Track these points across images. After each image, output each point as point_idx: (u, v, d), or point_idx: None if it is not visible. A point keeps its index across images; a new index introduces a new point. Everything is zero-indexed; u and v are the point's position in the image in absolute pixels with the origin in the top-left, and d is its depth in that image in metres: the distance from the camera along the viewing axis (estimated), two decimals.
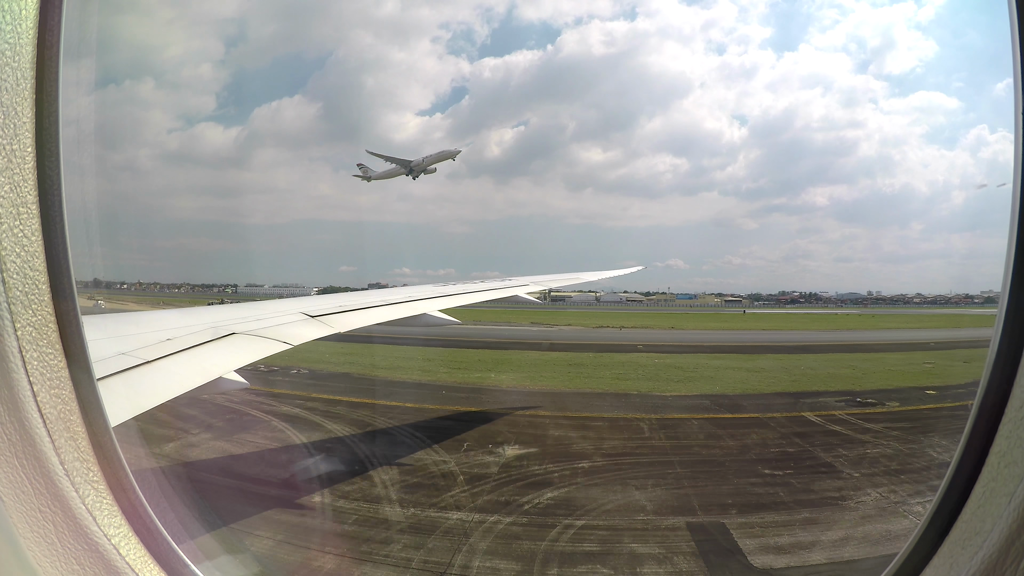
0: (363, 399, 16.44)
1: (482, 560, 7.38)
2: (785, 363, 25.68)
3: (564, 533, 8.09)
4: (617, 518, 8.64)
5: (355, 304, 9.74)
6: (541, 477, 10.23)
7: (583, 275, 18.02)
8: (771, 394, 18.52)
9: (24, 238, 1.37)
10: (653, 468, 10.85)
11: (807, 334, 43.19)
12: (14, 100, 1.33)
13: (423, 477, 10.21)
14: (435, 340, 34.54)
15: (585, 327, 51.29)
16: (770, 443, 12.87)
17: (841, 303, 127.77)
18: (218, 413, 13.77)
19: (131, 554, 1.50)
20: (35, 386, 1.38)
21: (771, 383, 20.50)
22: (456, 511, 8.84)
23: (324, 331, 8.09)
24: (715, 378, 21.43)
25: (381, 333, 16.50)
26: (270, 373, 20.38)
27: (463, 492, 9.56)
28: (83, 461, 1.48)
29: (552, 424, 14.01)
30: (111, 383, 4.54)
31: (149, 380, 4.93)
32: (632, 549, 7.74)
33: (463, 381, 20.15)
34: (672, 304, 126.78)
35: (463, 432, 13.03)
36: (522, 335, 41.90)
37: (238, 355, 6.29)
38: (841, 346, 32.61)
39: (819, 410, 15.86)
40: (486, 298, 12.90)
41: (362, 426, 13.54)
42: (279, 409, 14.67)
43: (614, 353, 29.22)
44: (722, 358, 27.24)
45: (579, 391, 18.71)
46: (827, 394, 18.17)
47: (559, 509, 8.92)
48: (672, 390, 19.02)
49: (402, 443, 12.11)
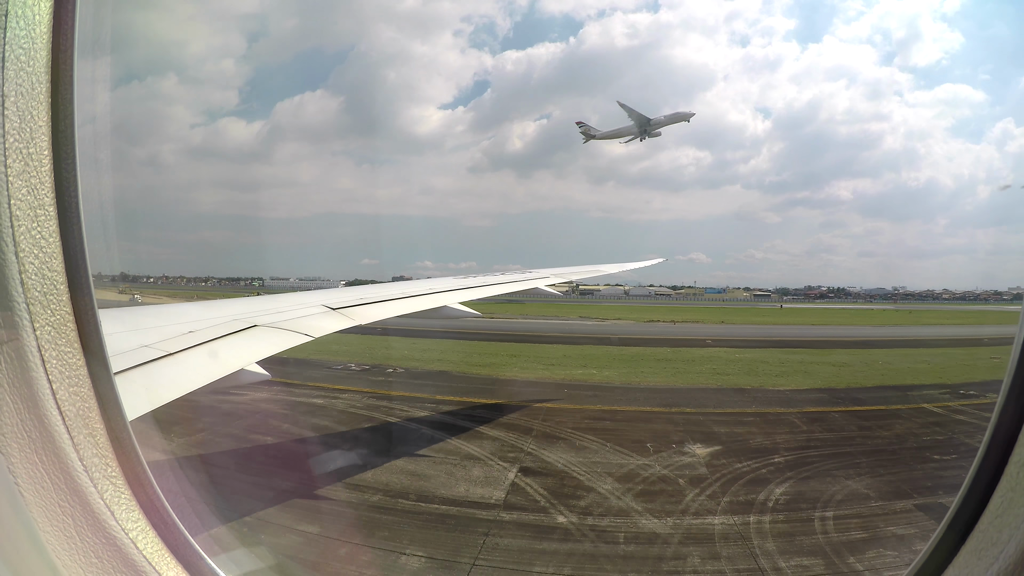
0: (495, 400, 17.06)
1: (785, 560, 7.74)
2: (858, 358, 26.82)
3: (826, 524, 8.75)
4: (855, 506, 9.40)
5: (375, 297, 9.83)
6: (753, 474, 10.87)
7: (603, 267, 18.17)
8: (874, 387, 19.52)
9: (42, 239, 1.40)
10: (841, 459, 11.64)
11: (856, 329, 44.65)
12: (30, 104, 1.36)
13: (645, 483, 10.69)
14: (498, 334, 35.06)
15: (636, 321, 52.21)
16: (918, 432, 13.76)
17: (870, 298, 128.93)
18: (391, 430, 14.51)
19: (148, 548, 1.53)
20: (54, 384, 1.41)
21: (864, 377, 21.54)
22: (709, 516, 9.26)
23: (346, 323, 8.17)
24: (808, 372, 22.44)
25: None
26: (371, 372, 21.09)
27: (696, 495, 9.99)
28: (101, 457, 1.51)
29: (709, 421, 14.74)
30: (133, 376, 4.58)
31: (171, 372, 5.00)
32: (892, 531, 8.58)
33: (573, 378, 20.73)
34: (701, 298, 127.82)
35: (640, 435, 13.58)
36: (581, 329, 42.47)
37: (260, 347, 6.38)
38: (898, 342, 34.02)
39: (932, 402, 16.79)
40: (507, 291, 13.03)
41: (525, 428, 14.20)
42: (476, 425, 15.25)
43: (689, 348, 30.16)
44: (796, 353, 28.28)
45: (692, 387, 19.45)
46: (926, 387, 19.17)
47: (800, 503, 9.53)
48: (779, 384, 19.91)
49: (577, 446, 12.89)
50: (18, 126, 1.32)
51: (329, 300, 8.91)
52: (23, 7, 1.30)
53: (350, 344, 27.37)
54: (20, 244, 1.34)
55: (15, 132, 1.32)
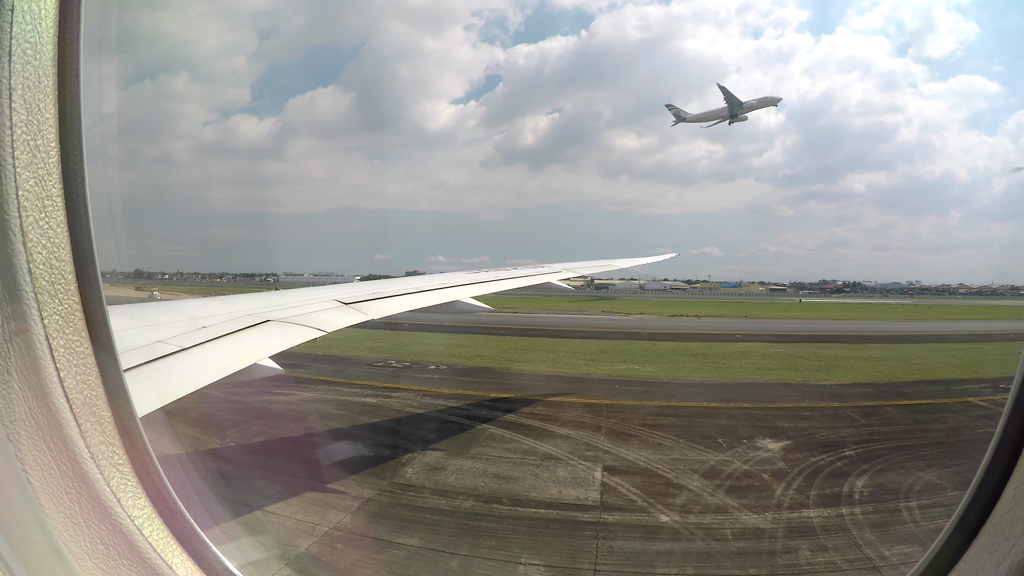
0: (552, 396, 17.56)
1: (887, 549, 8.14)
2: (891, 353, 27.44)
3: (914, 514, 9.26)
4: (935, 496, 9.89)
5: (387, 291, 9.82)
6: (830, 467, 11.38)
7: (615, 262, 18.25)
8: (916, 382, 20.09)
9: (50, 230, 1.42)
10: (908, 452, 12.17)
11: (879, 324, 45.35)
12: (37, 97, 1.37)
13: (731, 479, 11.07)
14: (526, 329, 35.65)
15: (659, 316, 52.84)
16: (971, 425, 14.36)
17: (886, 292, 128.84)
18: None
19: (154, 535, 1.56)
20: (61, 372, 1.43)
21: (903, 372, 22.15)
22: (803, 509, 9.66)
23: (358, 318, 8.20)
24: (847, 368, 23.06)
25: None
26: (413, 369, 21.53)
27: (784, 489, 10.40)
28: (108, 444, 1.53)
29: (769, 416, 15.29)
30: (147, 370, 4.59)
31: (184, 367, 5.01)
32: None
33: (618, 374, 21.28)
34: (717, 292, 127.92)
35: (707, 431, 14.11)
36: (608, 324, 43.04)
37: (272, 342, 6.41)
38: (925, 336, 34.76)
39: (976, 396, 17.44)
40: (519, 285, 12.99)
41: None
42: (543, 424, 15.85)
43: (721, 343, 30.81)
44: (828, 348, 28.97)
45: (739, 382, 20.06)
46: (965, 382, 19.74)
47: (883, 494, 10.02)
48: (823, 379, 20.49)
49: (651, 443, 13.52)
50: (25, 118, 1.35)
51: (341, 295, 8.95)
52: (29, 2, 1.33)
53: (381, 340, 27.97)
54: (28, 234, 1.36)
55: (22, 124, 1.34)
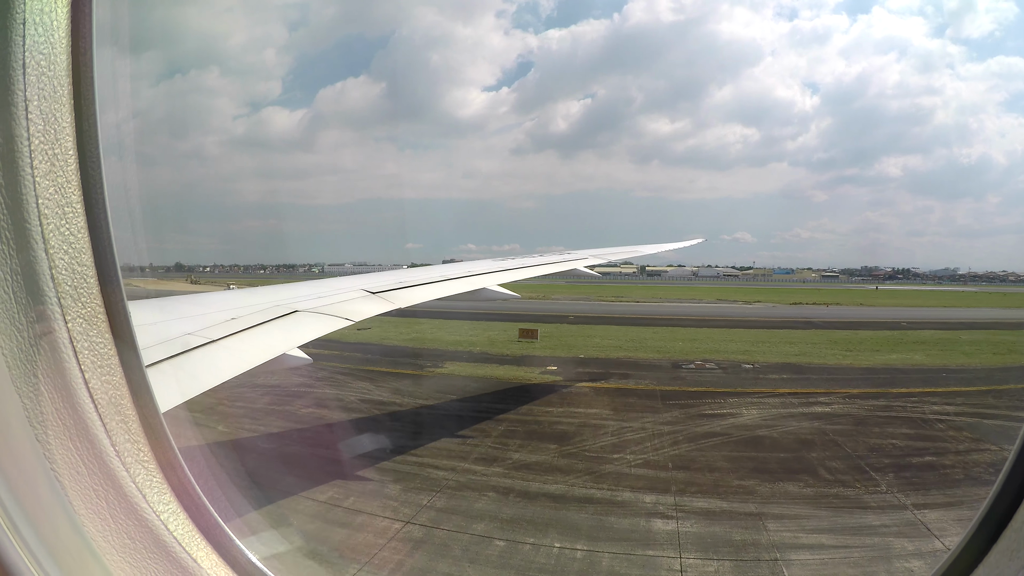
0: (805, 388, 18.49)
1: None
2: None
3: None
4: None
5: (413, 280, 9.91)
6: None
7: (642, 248, 18.72)
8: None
9: (71, 235, 1.46)
10: None
11: (983, 312, 47.66)
12: (53, 107, 1.41)
13: None
14: (663, 319, 37.51)
15: (778, 303, 55.62)
16: None
17: (938, 279, 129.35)
18: None
19: (179, 529, 1.61)
20: (86, 373, 1.47)
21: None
22: None
23: (385, 307, 8.32)
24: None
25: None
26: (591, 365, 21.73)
27: None
28: (134, 442, 1.58)
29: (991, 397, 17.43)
30: (178, 362, 4.65)
31: (214, 358, 5.07)
32: None
33: (890, 364, 23.09)
34: (771, 279, 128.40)
35: (969, 419, 15.10)
36: (742, 313, 45.34)
37: (301, 332, 6.47)
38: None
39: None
40: (544, 272, 13.17)
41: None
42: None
43: (911, 331, 33.79)
44: (970, 333, 32.21)
45: (944, 367, 22.43)
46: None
47: None
48: (995, 363, 23.41)
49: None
50: (42, 128, 1.38)
51: (368, 284, 9.03)
52: (40, 15, 1.36)
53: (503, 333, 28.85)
54: (50, 241, 1.39)
55: (39, 134, 1.37)
